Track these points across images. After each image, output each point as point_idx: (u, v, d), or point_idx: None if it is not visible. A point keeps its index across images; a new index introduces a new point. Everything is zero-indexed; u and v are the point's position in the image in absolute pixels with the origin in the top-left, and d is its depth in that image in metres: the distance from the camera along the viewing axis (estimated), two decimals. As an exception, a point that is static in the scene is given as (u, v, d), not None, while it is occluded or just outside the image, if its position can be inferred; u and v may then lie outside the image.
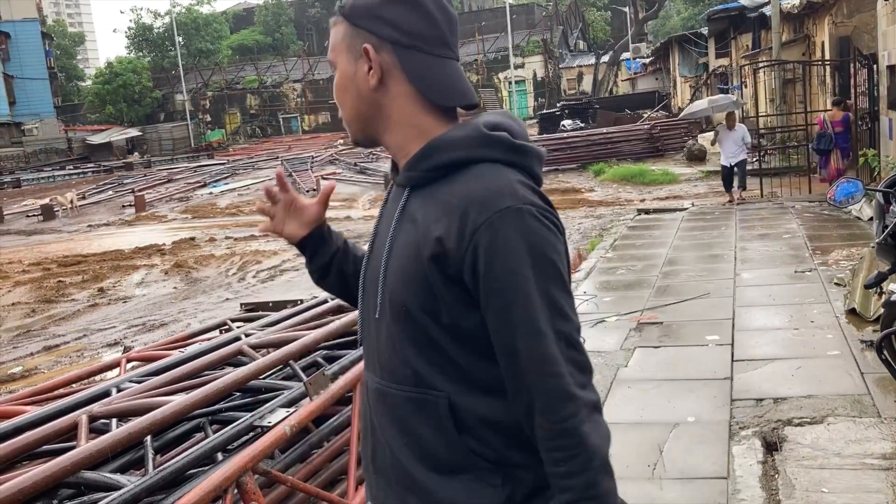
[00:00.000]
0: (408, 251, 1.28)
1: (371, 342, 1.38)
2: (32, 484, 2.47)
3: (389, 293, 1.30)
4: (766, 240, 9.15)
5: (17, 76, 51.77)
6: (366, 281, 1.40)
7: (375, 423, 1.36)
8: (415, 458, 1.29)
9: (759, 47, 21.87)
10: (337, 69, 1.38)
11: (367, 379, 1.40)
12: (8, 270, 13.09)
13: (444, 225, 1.23)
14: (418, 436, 1.29)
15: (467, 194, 1.24)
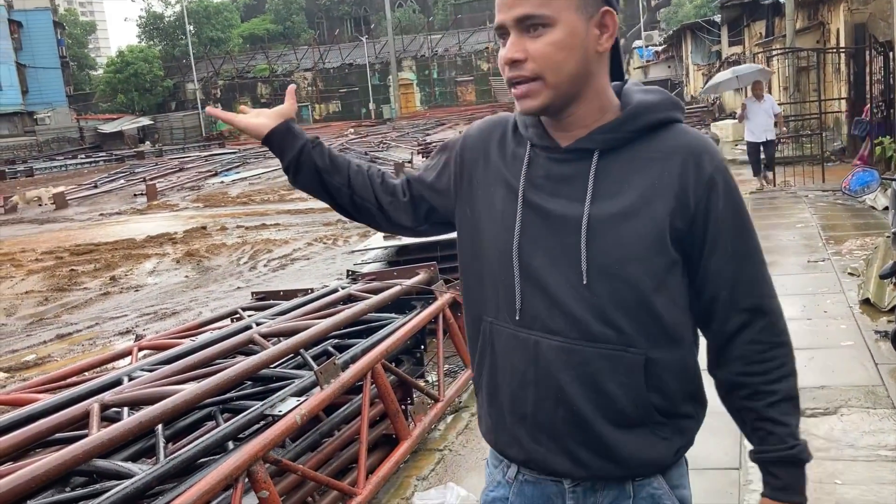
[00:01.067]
0: (634, 211, 1.32)
1: (557, 306, 1.35)
2: (45, 472, 2.48)
3: (604, 259, 1.33)
4: (779, 229, 9.09)
5: (29, 65, 52.02)
6: (536, 248, 1.37)
7: (551, 382, 1.36)
8: (598, 413, 1.35)
9: (772, 35, 21.69)
10: (556, 25, 1.29)
11: (534, 339, 1.37)
12: (21, 259, 13.17)
13: (675, 177, 1.33)
14: (607, 391, 1.35)
15: (690, 148, 1.36)
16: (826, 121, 14.97)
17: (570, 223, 1.34)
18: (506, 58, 1.33)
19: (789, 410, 1.43)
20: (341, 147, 30.82)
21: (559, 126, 1.38)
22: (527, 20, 1.30)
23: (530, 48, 1.31)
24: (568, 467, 1.39)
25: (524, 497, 1.46)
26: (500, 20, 1.34)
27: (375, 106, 54.85)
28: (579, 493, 1.41)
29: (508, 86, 1.37)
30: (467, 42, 55.33)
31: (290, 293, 6.20)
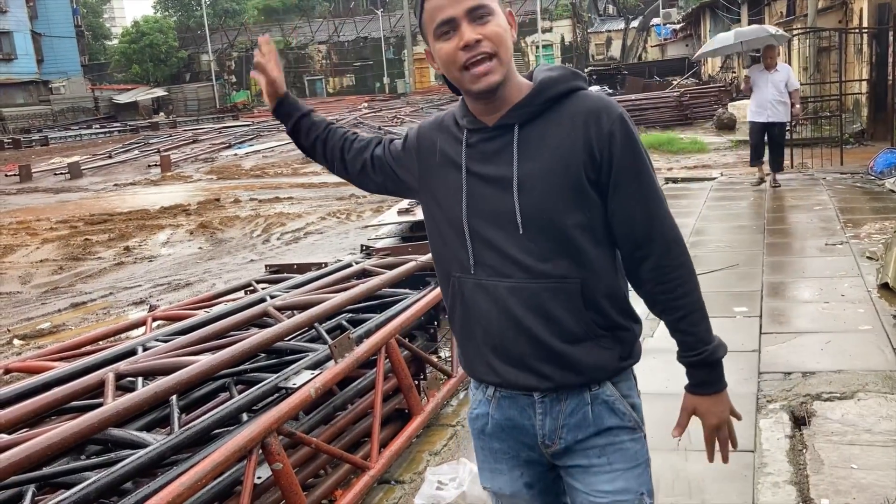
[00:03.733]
0: (552, 169, 1.62)
1: (503, 254, 1.67)
2: (62, 440, 2.49)
3: (533, 211, 1.63)
4: (797, 211, 8.99)
5: (44, 34, 51.95)
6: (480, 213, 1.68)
7: (510, 315, 1.67)
8: (550, 334, 1.66)
9: (793, 14, 21.37)
10: (495, 14, 1.62)
11: (492, 284, 1.69)
12: (36, 227, 13.23)
13: (581, 135, 1.62)
14: (554, 316, 1.66)
15: (589, 109, 1.63)
16: (846, 102, 14.75)
17: (505, 185, 1.65)
18: (468, 40, 1.59)
19: (696, 321, 1.72)
20: (355, 121, 30.73)
21: (487, 109, 1.67)
22: (477, 10, 1.59)
23: (484, 31, 1.59)
24: (534, 382, 1.70)
25: (502, 410, 1.77)
26: (450, 14, 1.59)
27: (390, 80, 54.58)
28: (547, 402, 1.72)
29: (463, 69, 1.61)
30: (483, 17, 54.83)
31: (303, 266, 6.21)
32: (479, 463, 1.87)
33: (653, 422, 3.92)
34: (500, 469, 1.81)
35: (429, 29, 1.64)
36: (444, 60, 1.63)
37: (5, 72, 48.40)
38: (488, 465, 1.84)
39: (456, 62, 1.60)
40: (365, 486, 3.36)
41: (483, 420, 1.80)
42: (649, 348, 5.01)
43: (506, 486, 1.82)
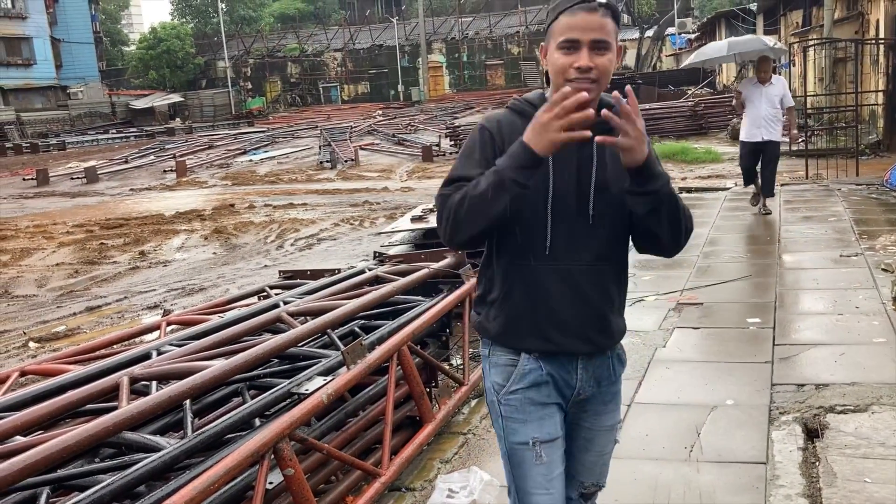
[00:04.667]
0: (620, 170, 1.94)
1: (577, 241, 2.01)
2: (76, 442, 2.51)
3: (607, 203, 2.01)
4: (811, 222, 8.95)
5: (63, 40, 52.45)
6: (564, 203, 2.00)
7: (581, 294, 2.03)
8: (608, 307, 2.09)
9: (809, 25, 21.30)
10: (611, 50, 1.92)
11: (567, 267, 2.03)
12: (53, 231, 13.34)
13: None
14: (611, 292, 2.09)
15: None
16: (862, 113, 14.67)
17: (585, 184, 2.01)
18: (583, 64, 1.89)
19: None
20: (369, 129, 30.82)
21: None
22: (600, 43, 1.90)
23: (597, 62, 1.90)
24: (587, 348, 2.09)
25: (551, 365, 2.08)
26: (578, 37, 1.89)
27: (404, 88, 54.72)
28: (585, 361, 2.11)
29: (568, 82, 1.89)
30: (498, 25, 54.97)
31: (317, 273, 6.23)
32: (524, 417, 2.09)
33: (665, 432, 3.94)
34: (550, 414, 2.10)
35: (555, 37, 1.92)
36: (557, 68, 1.92)
37: (25, 77, 48.87)
38: (537, 414, 2.09)
39: (566, 74, 1.90)
40: (376, 493, 3.37)
41: (537, 373, 2.07)
42: (661, 358, 5.01)
43: (553, 430, 2.10)
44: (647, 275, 7.13)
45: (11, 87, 47.89)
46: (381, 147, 25.22)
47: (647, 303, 6.25)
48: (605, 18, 1.90)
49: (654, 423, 4.08)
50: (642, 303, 6.25)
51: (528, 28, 53.50)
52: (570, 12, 1.90)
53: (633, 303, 6.21)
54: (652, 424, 4.06)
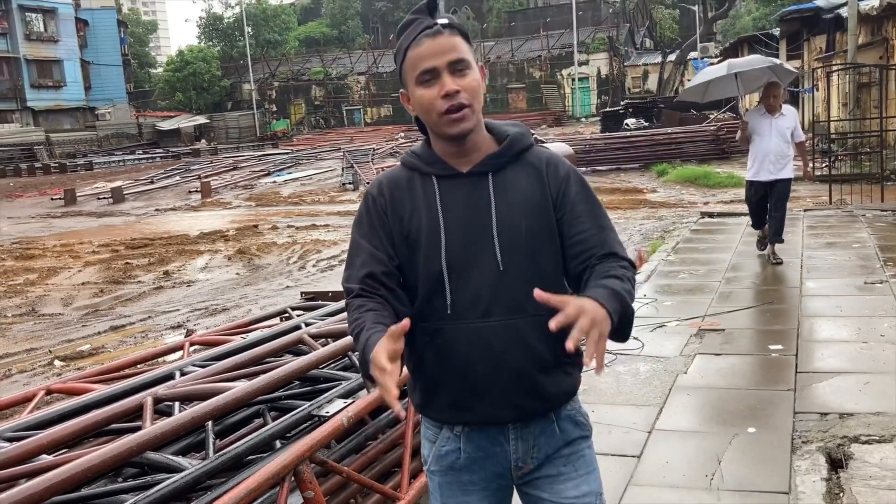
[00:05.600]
0: (527, 210, 1.79)
1: (482, 295, 1.77)
2: (101, 462, 2.55)
3: (514, 245, 1.78)
4: (834, 249, 8.88)
5: (93, 62, 53.45)
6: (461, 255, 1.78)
7: (493, 354, 1.77)
8: (532, 367, 1.79)
9: (833, 50, 21.23)
10: (472, 68, 1.77)
11: (474, 325, 1.78)
12: (79, 250, 13.53)
13: (545, 180, 1.83)
14: (533, 349, 1.78)
15: (549, 160, 1.86)
16: (887, 139, 14.57)
17: (484, 227, 1.78)
18: (450, 89, 1.73)
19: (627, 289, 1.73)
20: (391, 151, 31.01)
21: (459, 154, 1.81)
22: (458, 63, 1.75)
23: (462, 83, 1.75)
24: (513, 415, 1.82)
25: (473, 442, 1.85)
26: (433, 64, 1.74)
27: (427, 111, 55.02)
28: (518, 428, 1.84)
29: (441, 115, 1.75)
30: (520, 49, 55.27)
31: (338, 294, 6.26)
32: (444, 500, 1.91)
33: (685, 460, 3.91)
34: (470, 501, 1.89)
35: (410, 75, 1.78)
36: (423, 105, 1.77)
37: (55, 98, 49.79)
38: (455, 499, 1.89)
39: (435, 108, 1.75)
40: (394, 517, 3.37)
41: (454, 455, 1.86)
42: (682, 385, 4.98)
43: None
44: (669, 300, 7.10)
45: (42, 109, 48.80)
46: (403, 169, 25.32)
47: (669, 328, 6.23)
48: (454, 37, 1.76)
49: (675, 451, 4.05)
50: (664, 328, 6.22)
51: (550, 52, 53.73)
52: (416, 43, 1.76)
53: (654, 328, 6.19)
54: (672, 451, 4.04)
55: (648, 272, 8.33)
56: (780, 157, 7.85)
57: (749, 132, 7.96)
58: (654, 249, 9.69)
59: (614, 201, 15.34)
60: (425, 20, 1.77)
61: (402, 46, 1.79)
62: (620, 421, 4.44)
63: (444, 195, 1.81)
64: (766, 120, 7.86)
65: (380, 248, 1.83)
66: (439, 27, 1.75)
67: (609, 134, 24.84)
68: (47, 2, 49.47)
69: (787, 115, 7.91)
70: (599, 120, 31.81)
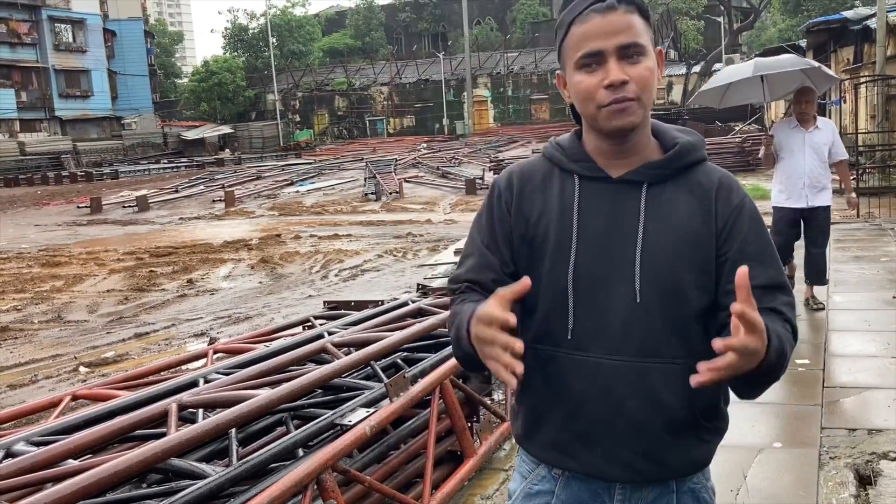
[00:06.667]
0: (683, 238, 1.48)
1: (611, 326, 1.48)
2: (126, 468, 2.56)
3: (659, 276, 1.47)
4: (862, 262, 8.77)
5: (119, 72, 54.17)
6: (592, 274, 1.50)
7: (611, 398, 1.48)
8: (657, 424, 1.48)
9: (860, 61, 21.03)
10: (647, 54, 1.49)
11: (594, 360, 1.49)
12: (104, 258, 13.67)
13: (712, 210, 1.50)
14: (663, 402, 1.47)
15: (721, 182, 1.54)
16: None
17: (625, 246, 1.49)
18: (614, 79, 1.45)
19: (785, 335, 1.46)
20: (414, 161, 31.12)
21: (614, 154, 1.53)
22: (630, 48, 1.46)
23: (632, 73, 1.46)
24: (621, 475, 1.51)
25: (570, 491, 1.56)
26: (599, 47, 1.46)
27: (449, 122, 55.21)
28: (628, 490, 1.53)
29: (600, 108, 1.47)
30: (543, 60, 55.26)
31: (360, 304, 6.28)
32: None
33: (711, 474, 3.85)
34: None
35: (570, 55, 1.50)
36: (581, 94, 1.49)
37: (82, 108, 50.50)
38: None
39: (595, 99, 1.47)
40: (416, 527, 3.36)
41: (545, 498, 1.58)
42: (707, 398, 4.93)
43: None
44: (693, 313, 7.03)
45: (69, 118, 49.50)
46: (426, 180, 25.43)
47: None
48: (630, 15, 1.47)
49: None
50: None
51: (573, 63, 53.59)
52: (581, 19, 1.48)
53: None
54: (697, 466, 3.99)
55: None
56: (817, 179, 6.48)
57: (775, 149, 6.60)
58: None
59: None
60: None
61: (564, 21, 1.51)
62: (644, 434, 4.39)
63: (583, 200, 1.52)
64: (797, 135, 6.50)
65: (494, 251, 1.58)
66: (613, 1, 1.46)
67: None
68: (76, 13, 50.24)
69: (822, 129, 6.55)
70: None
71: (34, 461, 2.77)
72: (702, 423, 1.52)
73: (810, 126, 6.51)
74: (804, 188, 6.48)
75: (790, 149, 6.51)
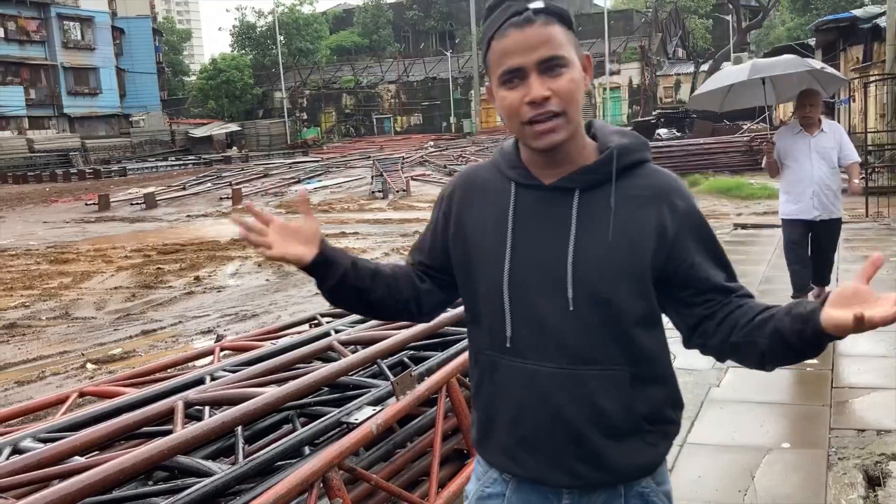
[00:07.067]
0: (617, 245, 1.46)
1: (546, 334, 1.49)
2: (133, 465, 2.56)
3: (590, 285, 1.46)
4: (872, 262, 8.71)
5: (128, 70, 54.34)
6: (526, 281, 1.50)
7: (549, 405, 1.49)
8: (594, 429, 1.48)
9: (870, 60, 20.93)
10: (570, 65, 1.45)
11: (532, 368, 1.51)
12: (112, 255, 13.71)
13: (653, 216, 1.47)
14: (601, 409, 1.48)
15: (661, 189, 1.50)
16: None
17: (558, 253, 1.47)
18: (535, 96, 1.42)
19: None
20: (421, 159, 31.13)
21: (546, 164, 1.51)
22: (550, 61, 1.43)
23: (554, 86, 1.43)
24: (566, 481, 1.52)
25: (520, 495, 1.57)
26: (518, 63, 1.43)
27: (456, 120, 55.22)
28: (575, 494, 1.53)
29: (524, 125, 1.45)
30: (551, 59, 55.18)
31: (367, 302, 6.27)
32: None
33: (718, 474, 3.85)
34: None
35: (493, 71, 1.48)
36: (505, 110, 1.48)
37: (90, 105, 50.70)
38: None
39: (518, 115, 1.45)
40: (422, 526, 3.35)
41: (496, 501, 1.60)
42: (715, 398, 4.91)
43: None
44: (701, 312, 7.00)
45: (78, 115, 49.68)
46: (433, 178, 25.42)
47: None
48: (549, 27, 1.43)
49: (707, 465, 3.99)
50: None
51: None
52: (501, 34, 1.44)
53: (685, 340, 6.11)
54: (705, 466, 3.98)
55: (680, 283, 8.23)
56: (827, 188, 6.00)
57: (778, 157, 6.18)
58: (686, 260, 9.58)
59: (645, 212, 15.23)
60: (514, 3, 1.44)
61: (485, 36, 1.49)
62: (651, 434, 4.38)
63: (518, 207, 1.52)
64: (801, 140, 6.05)
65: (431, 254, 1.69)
66: (530, 14, 1.42)
67: (640, 144, 24.70)
68: (85, 10, 50.43)
69: (828, 133, 6.07)
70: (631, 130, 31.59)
71: (41, 458, 2.78)
72: (646, 427, 1.52)
73: (815, 130, 6.05)
74: (813, 197, 6.01)
75: (795, 156, 6.07)
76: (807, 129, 6.06)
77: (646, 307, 1.50)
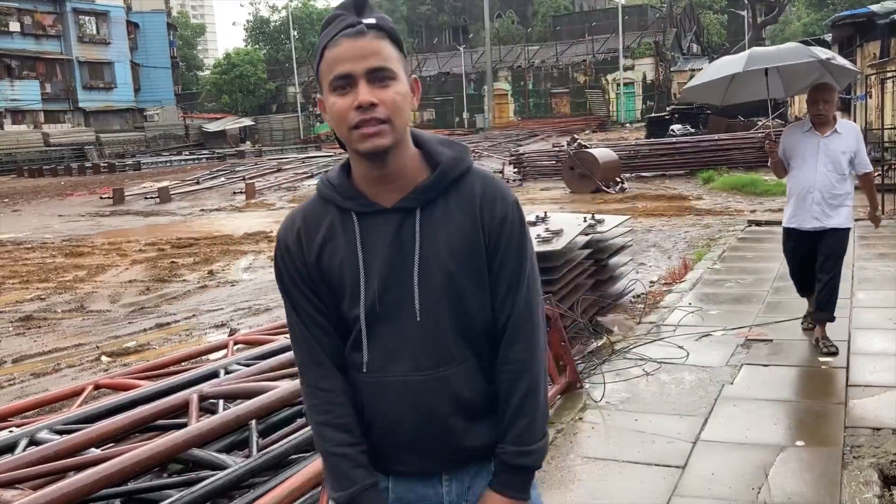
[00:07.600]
0: (454, 246, 1.57)
1: (404, 348, 1.60)
2: (148, 457, 2.58)
3: (437, 292, 1.58)
4: (887, 259, 8.66)
5: (142, 64, 54.59)
6: (382, 304, 1.59)
7: (423, 409, 1.61)
8: (462, 419, 1.63)
9: (887, 56, 20.74)
10: (398, 79, 1.54)
11: (400, 380, 1.61)
12: (126, 249, 13.79)
13: (478, 218, 1.59)
14: (466, 400, 1.63)
15: (485, 193, 1.61)
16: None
17: (407, 274, 1.57)
18: (362, 101, 1.50)
19: (530, 418, 1.65)
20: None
21: (380, 180, 1.58)
22: (379, 72, 1.52)
23: (381, 96, 1.51)
24: (447, 467, 1.67)
25: (403, 484, 1.69)
26: (349, 70, 1.51)
27: (469, 115, 55.16)
28: (452, 473, 1.68)
29: (351, 130, 1.53)
30: (564, 54, 55.05)
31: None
32: None
33: (731, 472, 3.83)
34: None
35: (325, 78, 1.56)
36: (335, 116, 1.55)
37: (105, 100, 50.98)
38: None
39: (347, 120, 1.53)
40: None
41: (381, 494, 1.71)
42: (729, 396, 4.89)
43: None
44: (715, 309, 6.99)
45: (93, 110, 49.98)
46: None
47: (715, 338, 6.12)
48: (379, 41, 1.53)
49: (721, 462, 3.97)
50: (709, 337, 6.12)
51: (594, 57, 53.39)
52: (334, 43, 1.53)
53: (699, 337, 6.09)
54: (718, 463, 3.96)
55: (693, 280, 8.21)
56: (831, 195, 5.40)
57: (785, 157, 5.67)
58: (700, 258, 9.55)
59: (659, 208, 15.16)
60: (349, 17, 1.54)
61: (319, 46, 1.58)
62: (664, 430, 4.37)
63: (365, 235, 1.59)
64: (810, 140, 5.47)
65: (310, 321, 1.67)
66: (363, 27, 1.52)
67: (654, 140, 24.60)
68: (100, 5, 50.67)
69: (843, 134, 5.43)
70: (645, 125, 31.50)
71: (57, 449, 2.80)
72: (495, 405, 1.67)
73: (827, 130, 5.43)
74: (815, 205, 5.42)
75: (801, 156, 5.50)
76: (818, 128, 5.47)
77: (485, 301, 1.63)
